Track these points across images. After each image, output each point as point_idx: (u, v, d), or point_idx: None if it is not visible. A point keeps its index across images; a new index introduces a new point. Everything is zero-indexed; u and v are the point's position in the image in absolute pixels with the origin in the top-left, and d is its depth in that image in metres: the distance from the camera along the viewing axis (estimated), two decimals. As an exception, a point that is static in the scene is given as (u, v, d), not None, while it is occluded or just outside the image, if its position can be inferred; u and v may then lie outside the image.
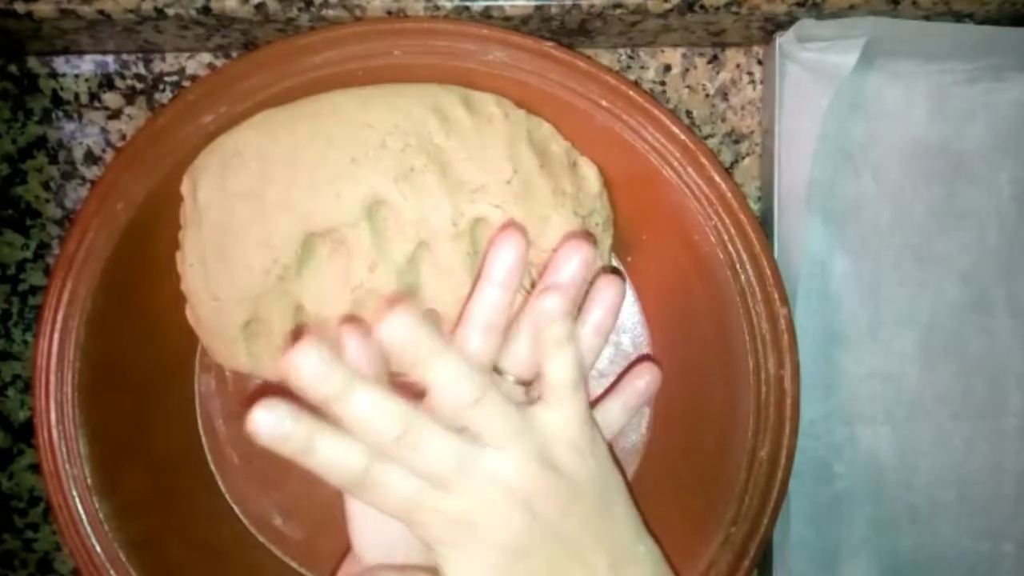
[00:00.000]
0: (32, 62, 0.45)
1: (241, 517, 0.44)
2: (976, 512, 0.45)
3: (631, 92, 0.39)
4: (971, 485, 0.44)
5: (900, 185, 0.44)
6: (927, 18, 0.41)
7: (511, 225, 0.38)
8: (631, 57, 0.46)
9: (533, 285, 0.40)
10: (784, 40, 0.41)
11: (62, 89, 0.46)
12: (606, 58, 0.46)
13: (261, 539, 0.44)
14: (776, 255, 0.41)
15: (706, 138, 0.46)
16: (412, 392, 0.44)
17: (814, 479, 0.44)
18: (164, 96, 0.46)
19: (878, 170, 0.44)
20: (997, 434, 0.44)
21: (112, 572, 0.39)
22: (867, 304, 0.44)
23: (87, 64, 0.45)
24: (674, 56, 0.46)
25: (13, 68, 0.45)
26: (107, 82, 0.45)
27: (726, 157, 0.46)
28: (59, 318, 0.39)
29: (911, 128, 0.44)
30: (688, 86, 0.46)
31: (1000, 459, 0.44)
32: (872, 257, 0.44)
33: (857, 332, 0.44)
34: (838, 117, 0.43)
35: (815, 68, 0.41)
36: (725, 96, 0.46)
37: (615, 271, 0.44)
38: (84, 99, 0.46)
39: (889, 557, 0.44)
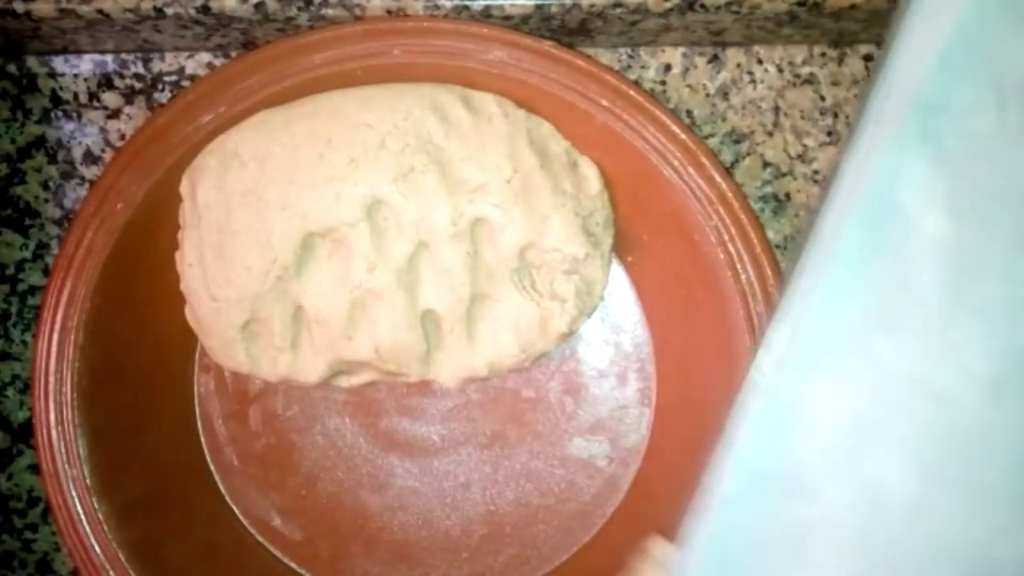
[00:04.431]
0: (31, 61, 0.45)
1: (240, 518, 0.44)
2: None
3: (631, 91, 0.39)
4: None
5: None
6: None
7: None
8: (631, 56, 0.46)
9: (534, 286, 0.40)
10: None
11: (61, 89, 0.45)
12: (606, 57, 0.46)
13: (260, 539, 0.44)
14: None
15: (706, 138, 0.46)
16: (410, 391, 0.44)
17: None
18: (163, 96, 0.45)
19: None
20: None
21: (111, 572, 0.39)
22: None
23: (86, 64, 0.45)
24: (674, 55, 0.46)
25: (12, 68, 0.45)
26: (106, 82, 0.45)
27: (726, 157, 0.46)
28: (58, 318, 0.39)
29: None
30: (688, 85, 0.46)
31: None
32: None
33: (858, 332, 0.44)
34: None
35: None
36: (726, 96, 0.46)
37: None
38: (83, 99, 0.45)
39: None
